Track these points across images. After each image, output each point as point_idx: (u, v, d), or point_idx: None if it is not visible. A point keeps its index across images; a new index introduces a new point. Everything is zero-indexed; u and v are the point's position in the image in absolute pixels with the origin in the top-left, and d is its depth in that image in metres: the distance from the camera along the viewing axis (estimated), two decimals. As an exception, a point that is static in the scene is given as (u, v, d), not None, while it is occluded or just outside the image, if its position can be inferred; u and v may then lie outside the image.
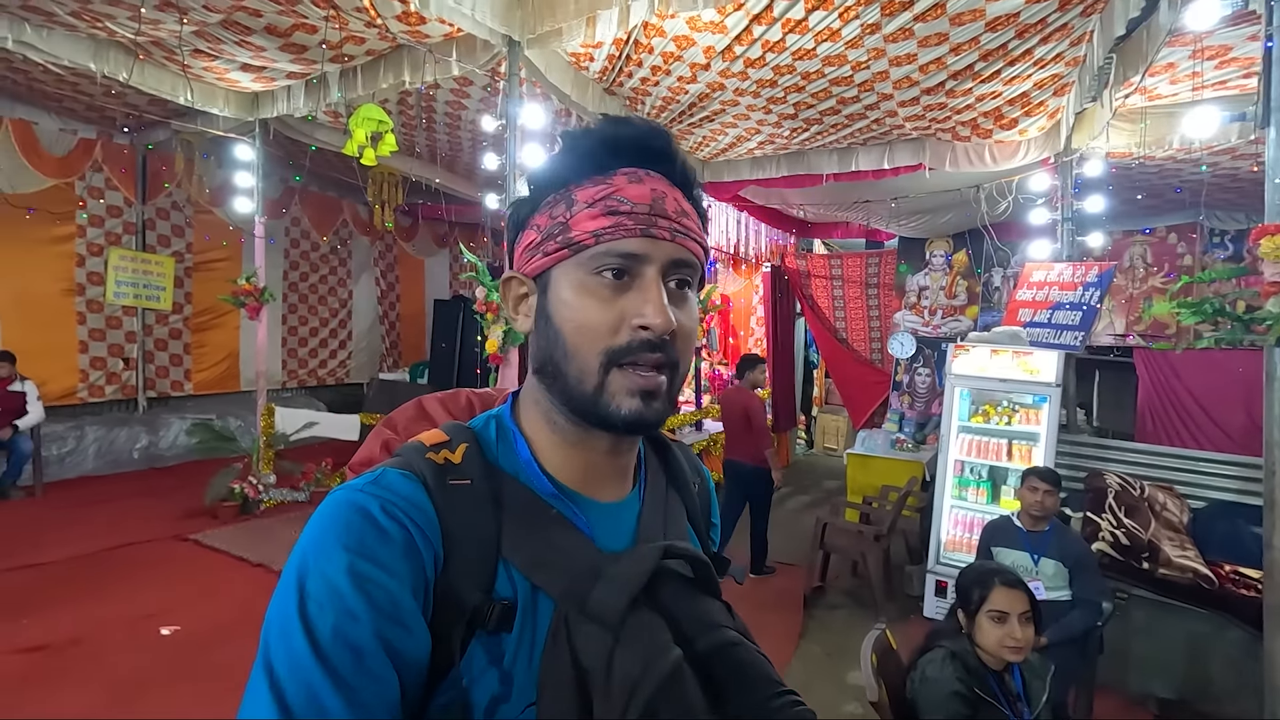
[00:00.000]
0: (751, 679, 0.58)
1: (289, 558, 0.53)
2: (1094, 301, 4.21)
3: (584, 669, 0.52)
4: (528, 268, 0.63)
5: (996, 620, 1.84)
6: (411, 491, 0.56)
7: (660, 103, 4.66)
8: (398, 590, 0.51)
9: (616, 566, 0.57)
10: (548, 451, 0.64)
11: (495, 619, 0.55)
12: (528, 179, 0.66)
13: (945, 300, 7.58)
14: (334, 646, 0.48)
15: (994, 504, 4.31)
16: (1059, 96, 4.03)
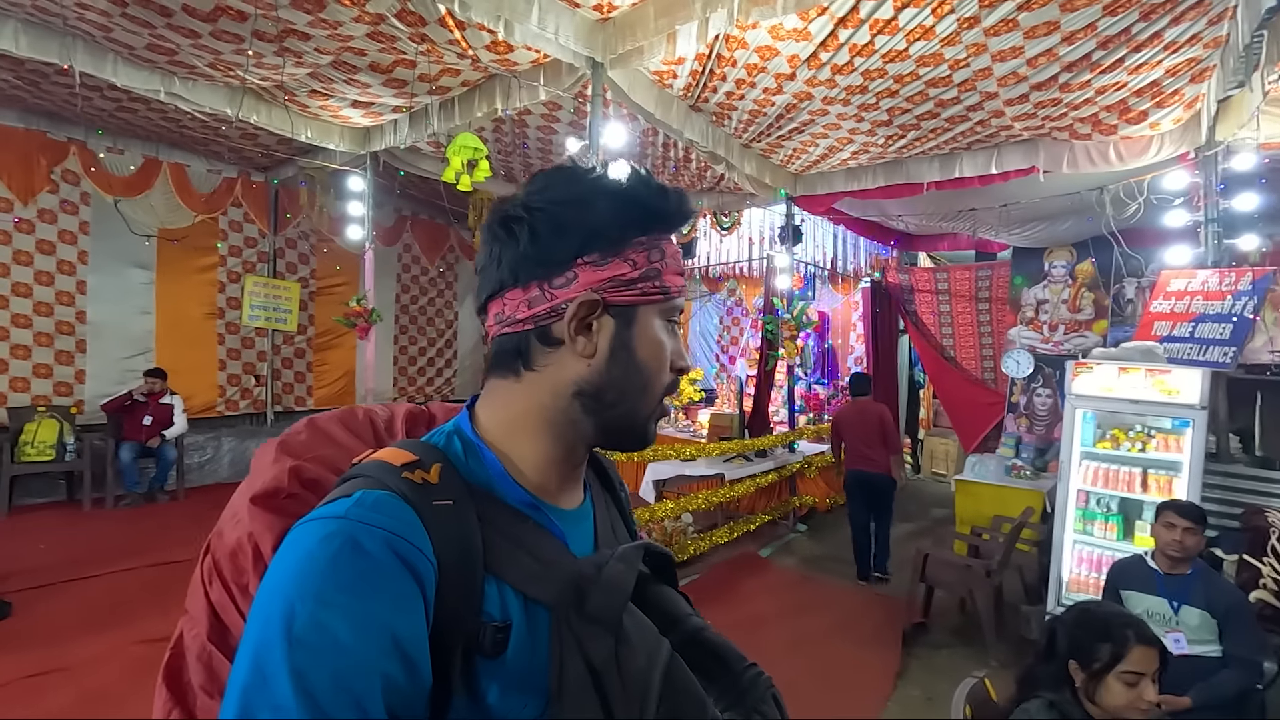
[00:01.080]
0: (725, 658, 0.63)
1: (261, 597, 0.49)
2: (1247, 312, 3.69)
3: (595, 670, 0.54)
4: (616, 297, 0.63)
5: (1128, 682, 1.55)
6: (401, 513, 0.53)
7: (747, 116, 4.58)
8: (400, 626, 0.49)
9: (606, 572, 0.58)
10: (526, 464, 0.64)
11: (490, 639, 0.54)
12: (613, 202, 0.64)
13: (1068, 314, 6.93)
14: (334, 700, 0.45)
15: (1126, 540, 3.83)
16: (1197, 83, 3.59)
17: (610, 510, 0.76)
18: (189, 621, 0.63)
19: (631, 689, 0.53)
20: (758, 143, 5.17)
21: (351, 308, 5.93)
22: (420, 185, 7.65)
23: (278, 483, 0.64)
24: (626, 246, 0.63)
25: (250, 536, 0.61)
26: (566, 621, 0.55)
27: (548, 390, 0.64)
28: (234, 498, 0.67)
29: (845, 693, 3.48)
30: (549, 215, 0.62)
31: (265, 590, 0.50)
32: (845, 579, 5.12)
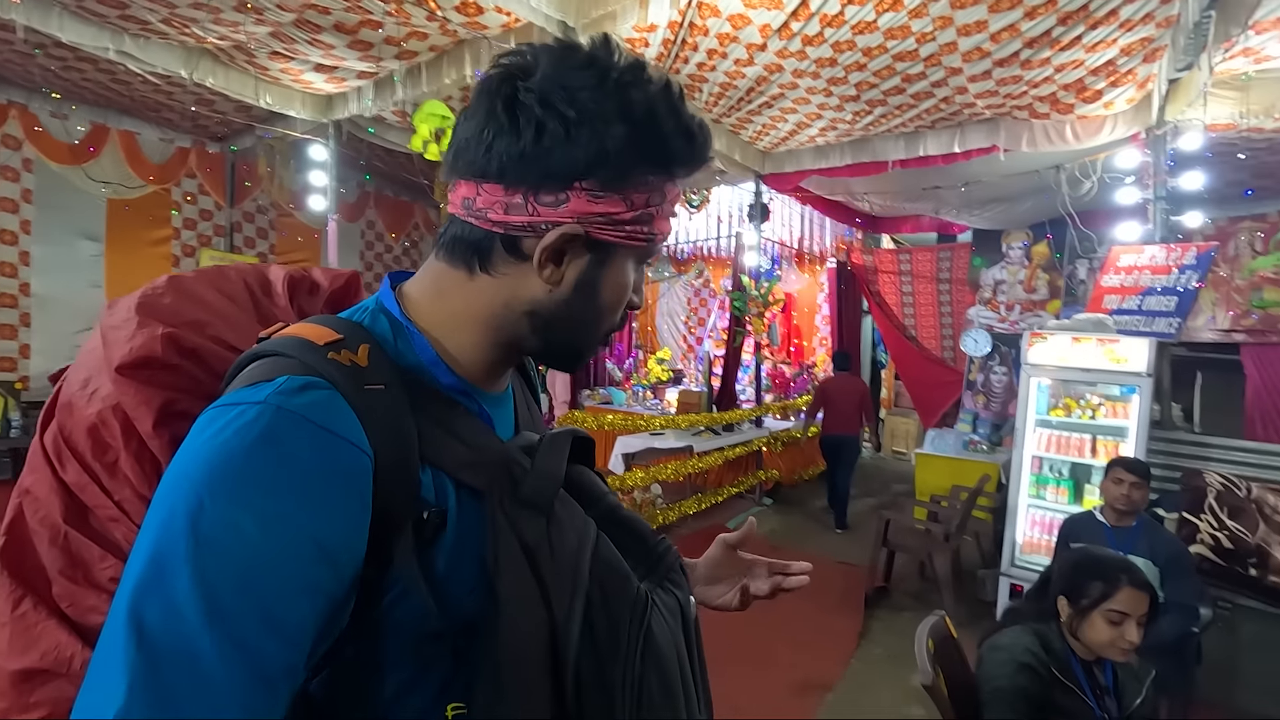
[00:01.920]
0: (639, 533, 0.65)
1: (166, 487, 0.45)
2: (1191, 285, 3.87)
3: (529, 549, 0.54)
4: (601, 234, 0.58)
5: (1113, 621, 1.62)
6: (330, 403, 0.49)
7: (718, 89, 4.60)
8: (325, 531, 0.46)
9: (539, 458, 0.60)
10: (462, 355, 0.61)
11: (432, 526, 0.53)
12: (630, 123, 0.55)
13: (1024, 295, 7.15)
14: (238, 606, 0.42)
15: (1076, 504, 4.00)
16: (1149, 63, 3.73)
17: (525, 393, 0.75)
18: (31, 502, 0.57)
19: (564, 566, 0.55)
20: (728, 118, 5.20)
21: (314, 280, 5.77)
22: (385, 159, 7.51)
23: (148, 350, 0.58)
24: (629, 183, 0.57)
25: (116, 410, 0.56)
26: (500, 505, 0.55)
27: (500, 300, 0.60)
28: (79, 365, 0.60)
29: (811, 651, 3.59)
30: (563, 122, 0.54)
31: (171, 480, 0.45)
32: (810, 549, 5.24)
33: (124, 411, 0.56)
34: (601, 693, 0.54)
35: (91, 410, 0.57)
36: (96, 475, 0.56)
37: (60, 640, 0.53)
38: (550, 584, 0.54)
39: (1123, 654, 1.62)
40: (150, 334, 0.59)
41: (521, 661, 0.52)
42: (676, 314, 10.92)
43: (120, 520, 0.56)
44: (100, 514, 0.56)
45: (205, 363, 0.60)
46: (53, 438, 0.58)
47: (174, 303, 0.63)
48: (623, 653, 0.55)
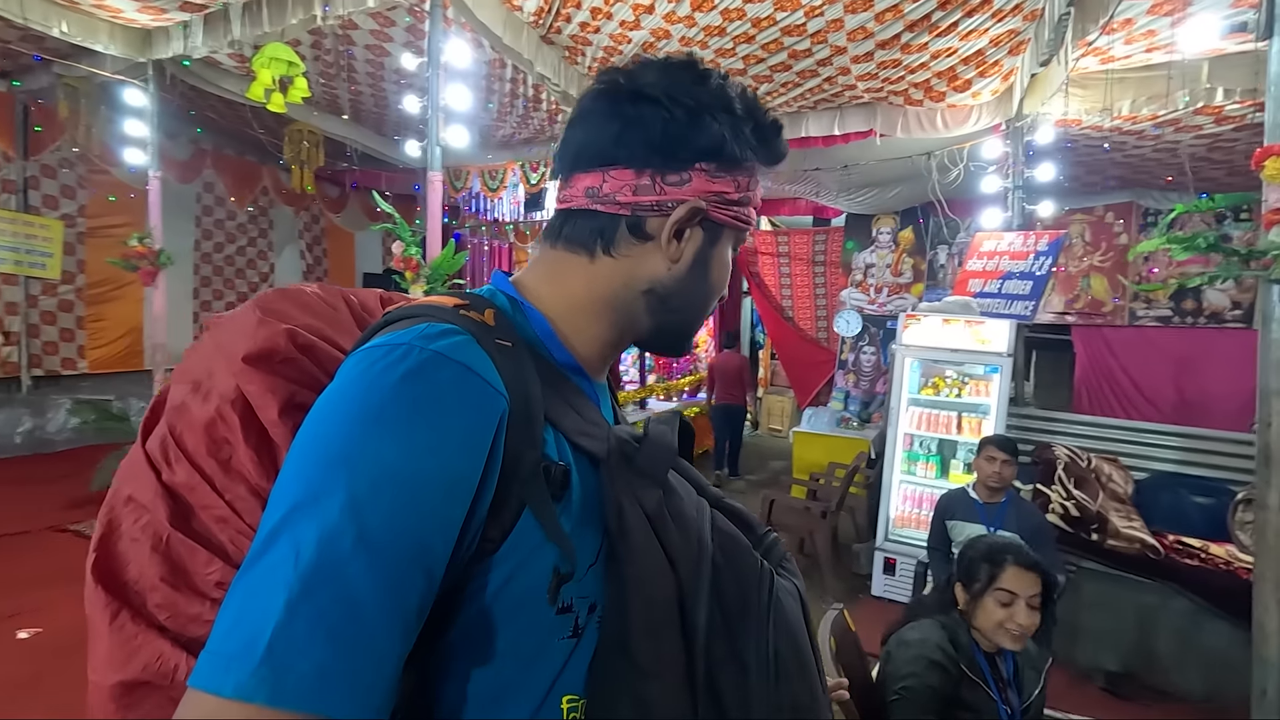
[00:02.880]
0: (748, 521, 0.68)
1: (315, 419, 0.48)
2: (1043, 270, 4.13)
3: (650, 516, 0.56)
4: (715, 213, 0.63)
5: (1003, 603, 1.62)
6: (468, 346, 0.51)
7: (602, 54, 4.33)
8: (464, 462, 0.48)
9: (651, 431, 0.61)
10: (577, 338, 0.64)
11: (558, 480, 0.54)
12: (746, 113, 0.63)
13: (891, 278, 7.52)
14: (389, 534, 0.44)
15: (943, 478, 4.20)
16: (1014, 55, 3.90)
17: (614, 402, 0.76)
18: (133, 510, 0.57)
19: (687, 533, 0.57)
20: (612, 86, 4.94)
21: (132, 247, 4.94)
22: (225, 112, 6.57)
23: (272, 342, 0.59)
24: (739, 167, 0.63)
25: (236, 403, 0.57)
26: (618, 473, 0.57)
27: (621, 280, 0.63)
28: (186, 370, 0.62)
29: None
30: (687, 111, 0.60)
31: (321, 413, 0.48)
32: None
33: (245, 403, 0.57)
34: (735, 663, 0.56)
35: (209, 407, 0.58)
36: (208, 474, 0.56)
37: (162, 651, 0.53)
38: (674, 551, 0.56)
39: (1013, 638, 1.61)
40: (273, 329, 0.60)
41: (654, 630, 0.54)
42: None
43: (228, 520, 0.56)
44: (205, 515, 0.57)
45: (319, 360, 0.61)
46: (160, 440, 0.58)
47: (288, 308, 0.65)
48: (753, 621, 0.57)
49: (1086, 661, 3.40)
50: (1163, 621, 3.28)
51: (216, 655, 0.41)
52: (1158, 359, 6.32)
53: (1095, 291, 6.84)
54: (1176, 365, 6.25)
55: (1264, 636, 1.54)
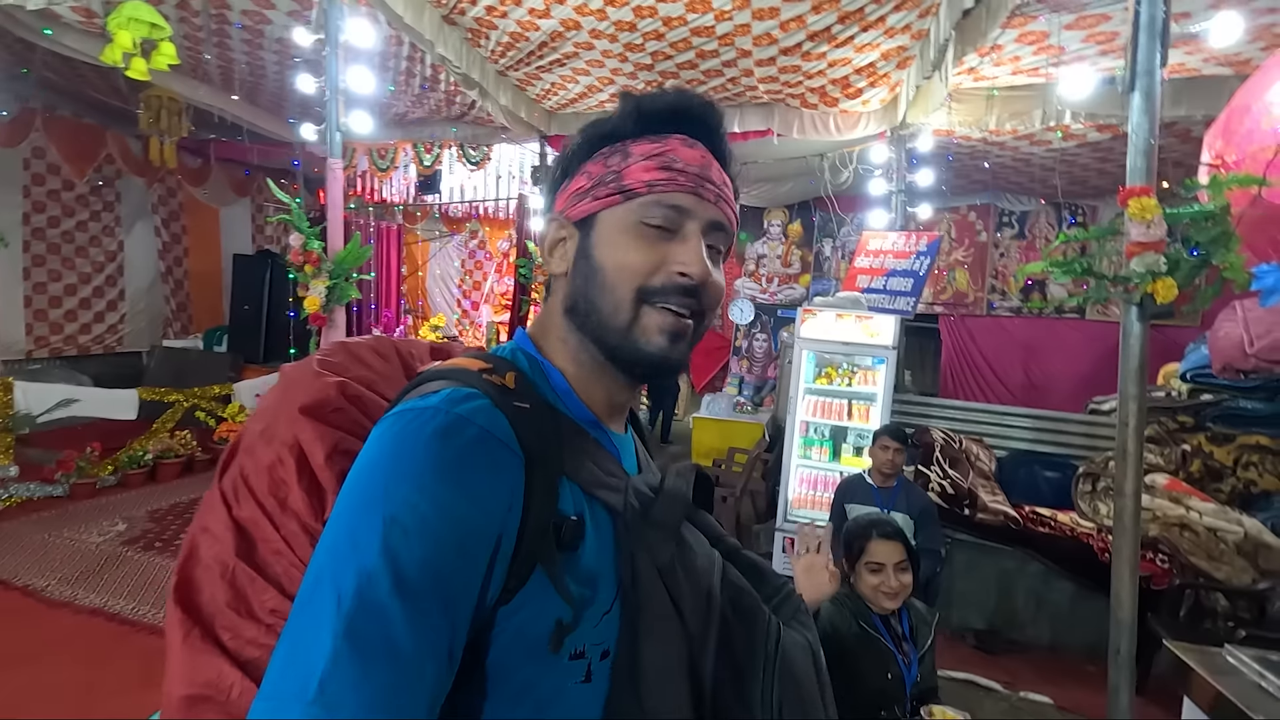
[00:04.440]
0: (763, 572, 0.71)
1: (354, 478, 0.52)
2: (923, 269, 4.51)
3: (661, 569, 0.59)
4: (573, 211, 0.65)
5: (874, 570, 1.85)
6: (489, 410, 0.55)
7: (508, 38, 4.21)
8: (484, 517, 0.52)
9: (667, 485, 0.64)
10: (578, 385, 0.66)
11: (571, 533, 0.56)
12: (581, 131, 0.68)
13: (781, 268, 7.90)
14: (421, 579, 0.47)
15: (836, 461, 4.51)
16: (901, 69, 4.19)
17: (643, 450, 0.78)
18: (208, 540, 0.64)
19: (697, 585, 0.60)
20: (515, 71, 4.82)
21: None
22: (62, 69, 5.76)
23: (324, 394, 0.67)
24: (590, 157, 0.66)
25: (293, 448, 0.64)
26: (635, 526, 0.60)
27: (556, 311, 0.67)
28: (262, 414, 0.69)
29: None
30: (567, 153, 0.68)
31: (359, 471, 0.52)
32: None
33: (300, 449, 0.64)
34: (741, 712, 0.60)
35: (268, 452, 0.65)
36: (269, 511, 0.63)
37: (222, 669, 0.58)
38: (684, 603, 0.59)
39: (889, 598, 1.84)
40: (326, 381, 0.69)
41: (663, 678, 0.57)
42: (450, 277, 10.24)
43: (283, 554, 0.62)
44: (265, 549, 0.62)
45: (366, 409, 0.68)
46: (232, 479, 0.66)
47: (343, 361, 0.73)
48: (759, 671, 0.61)
49: (959, 623, 3.82)
50: (1020, 583, 3.74)
51: (272, 695, 0.45)
52: (1010, 345, 7.09)
53: (959, 284, 7.54)
54: (1025, 350, 7.05)
55: (1119, 603, 1.82)
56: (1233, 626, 3.23)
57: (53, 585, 3.46)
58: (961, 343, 7.28)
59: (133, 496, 4.92)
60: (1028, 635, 3.69)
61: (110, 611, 3.25)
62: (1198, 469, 3.95)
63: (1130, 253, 1.67)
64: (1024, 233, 7.26)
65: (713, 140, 0.68)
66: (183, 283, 9.06)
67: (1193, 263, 1.60)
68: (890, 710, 1.81)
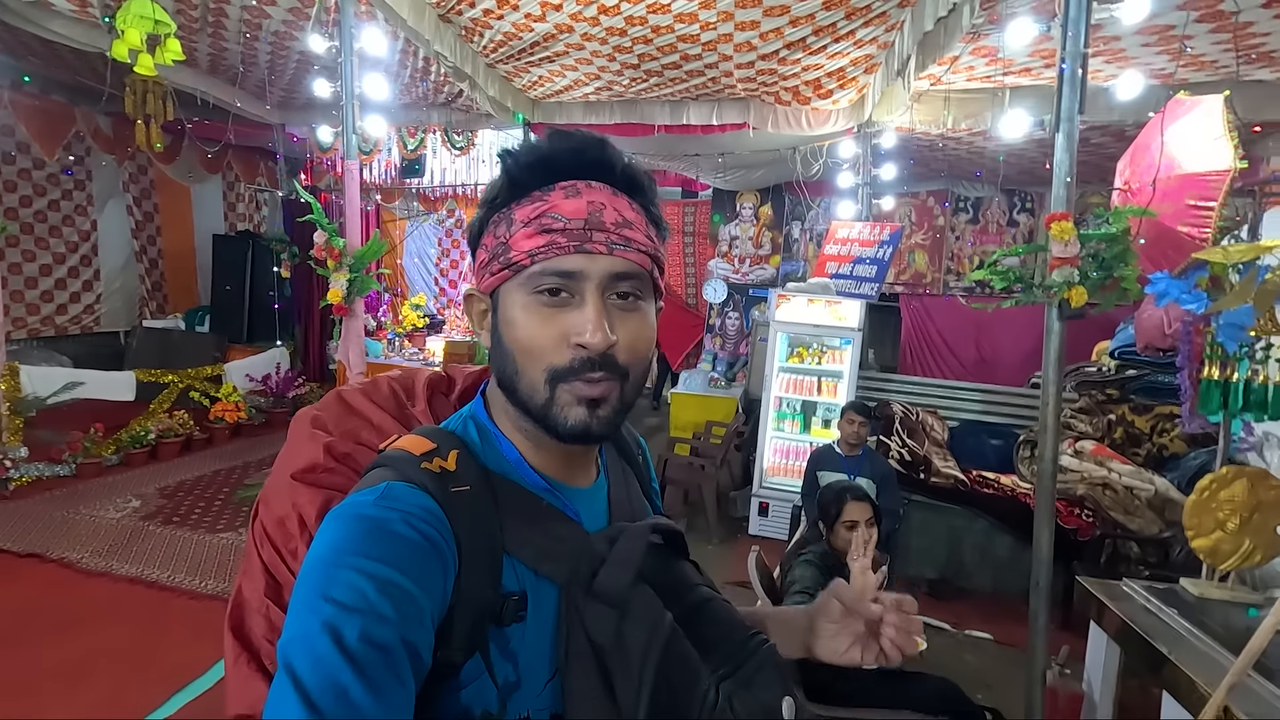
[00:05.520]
0: (727, 627, 0.67)
1: (303, 570, 0.54)
2: (886, 257, 4.93)
3: (598, 645, 0.58)
4: (482, 285, 0.66)
5: (849, 527, 2.27)
6: (422, 501, 0.57)
7: (501, 37, 4.43)
8: (418, 594, 0.53)
9: (616, 549, 0.63)
10: (526, 449, 0.67)
11: (511, 611, 0.58)
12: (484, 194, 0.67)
13: (753, 249, 8.27)
14: (361, 648, 0.49)
15: (806, 433, 4.96)
16: (868, 74, 4.55)
17: (629, 483, 0.78)
18: (247, 578, 0.69)
19: (631, 662, 0.57)
20: (504, 64, 5.03)
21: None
22: (35, 47, 5.72)
23: (314, 459, 0.70)
24: (484, 231, 0.66)
25: (295, 508, 0.67)
26: (574, 599, 0.59)
27: (494, 383, 0.69)
28: (275, 470, 0.72)
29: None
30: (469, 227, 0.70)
31: (306, 564, 0.54)
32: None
33: (298, 510, 0.67)
34: None
35: (279, 507, 0.68)
36: (284, 559, 0.67)
37: (263, 693, 0.60)
38: (617, 680, 0.57)
39: (860, 550, 2.25)
40: (316, 445, 0.71)
41: None
42: (427, 255, 10.36)
43: None
44: (288, 589, 0.63)
45: (355, 464, 0.70)
46: (259, 526, 0.69)
47: (335, 415, 0.75)
48: None
49: (914, 573, 4.31)
50: (967, 539, 4.25)
51: None
52: (963, 323, 7.61)
53: (918, 265, 8.03)
54: (976, 328, 7.58)
55: (1039, 544, 2.26)
56: (1142, 569, 3.78)
57: (86, 558, 3.70)
58: (920, 320, 7.78)
59: (138, 475, 5.13)
60: (973, 583, 4.21)
61: (148, 580, 3.52)
62: (1120, 435, 4.50)
63: (1052, 266, 2.08)
64: (978, 217, 7.75)
65: (606, 174, 0.64)
66: (157, 262, 9.02)
67: (1099, 276, 2.01)
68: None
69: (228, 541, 4.05)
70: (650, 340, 0.66)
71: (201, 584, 3.51)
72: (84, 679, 2.72)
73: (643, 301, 0.65)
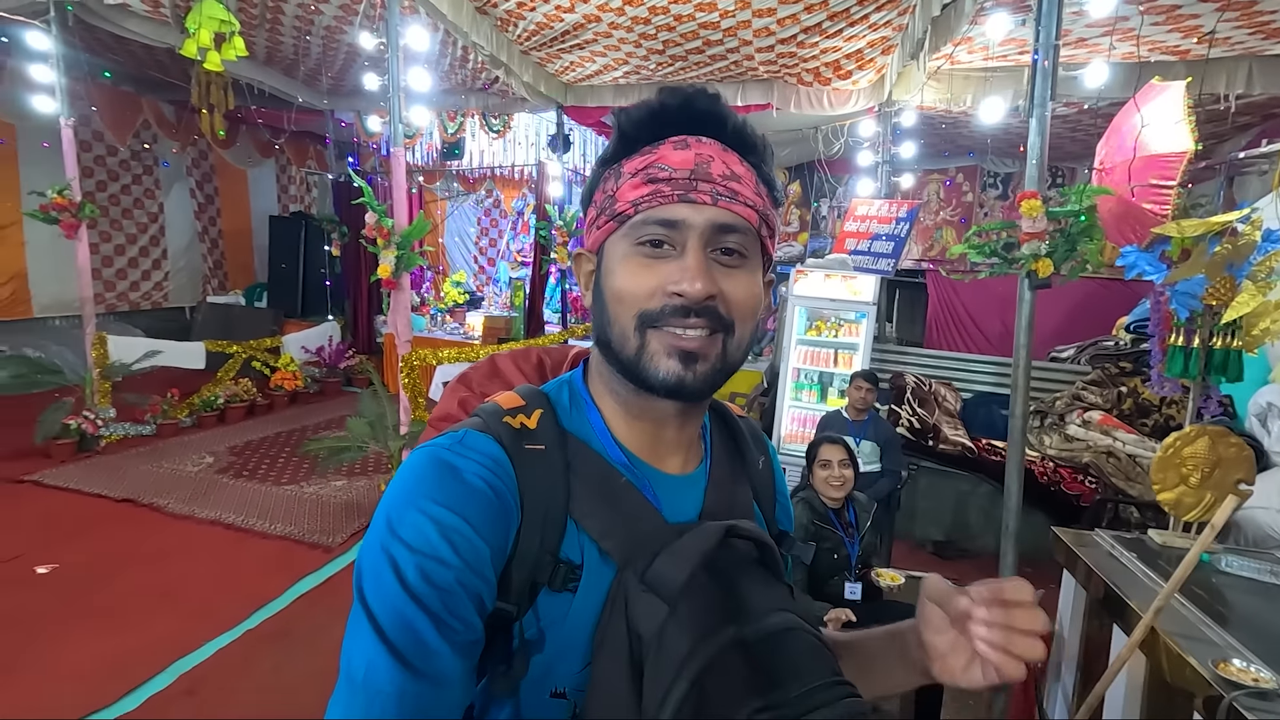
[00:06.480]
0: (804, 666, 0.56)
1: (377, 509, 0.56)
2: (903, 234, 5.09)
3: (638, 636, 0.54)
4: (589, 242, 0.66)
5: (823, 466, 2.55)
6: (494, 451, 0.58)
7: (533, 27, 4.71)
8: (479, 543, 0.54)
9: (679, 541, 0.58)
10: (616, 420, 0.66)
11: (561, 578, 0.58)
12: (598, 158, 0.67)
13: (781, 227, 8.42)
14: (421, 585, 0.51)
15: (823, 403, 5.19)
16: (885, 55, 4.69)
17: (737, 484, 0.72)
18: None
19: (667, 664, 0.52)
20: (537, 51, 5.31)
21: (52, 199, 4.86)
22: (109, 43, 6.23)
23: (449, 410, 0.77)
24: (596, 188, 0.66)
25: None
26: (625, 582, 0.57)
27: (595, 344, 0.67)
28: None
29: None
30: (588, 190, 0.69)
31: (387, 494, 0.56)
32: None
33: None
34: None
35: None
36: None
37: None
38: (648, 679, 0.52)
39: (837, 489, 2.54)
40: (455, 398, 0.78)
41: None
42: (466, 234, 10.77)
43: None
44: None
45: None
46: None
47: (481, 375, 0.81)
48: None
49: (921, 535, 4.55)
50: (972, 503, 4.46)
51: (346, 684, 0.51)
52: (988, 298, 7.67)
53: (946, 241, 8.09)
54: (1002, 303, 7.63)
55: (1009, 493, 2.50)
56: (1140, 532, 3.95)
57: (171, 503, 4.20)
58: (946, 297, 7.86)
59: (209, 435, 5.67)
60: (977, 545, 4.43)
61: (225, 522, 4.00)
62: (1129, 406, 4.62)
63: (1022, 240, 2.29)
64: (1007, 193, 7.77)
65: (718, 129, 0.63)
66: (217, 242, 9.64)
67: (1064, 250, 2.22)
68: (839, 576, 2.51)
69: (290, 493, 4.52)
70: (758, 300, 0.63)
71: (270, 527, 3.97)
72: (178, 597, 3.19)
73: (749, 260, 0.62)
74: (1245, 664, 1.72)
